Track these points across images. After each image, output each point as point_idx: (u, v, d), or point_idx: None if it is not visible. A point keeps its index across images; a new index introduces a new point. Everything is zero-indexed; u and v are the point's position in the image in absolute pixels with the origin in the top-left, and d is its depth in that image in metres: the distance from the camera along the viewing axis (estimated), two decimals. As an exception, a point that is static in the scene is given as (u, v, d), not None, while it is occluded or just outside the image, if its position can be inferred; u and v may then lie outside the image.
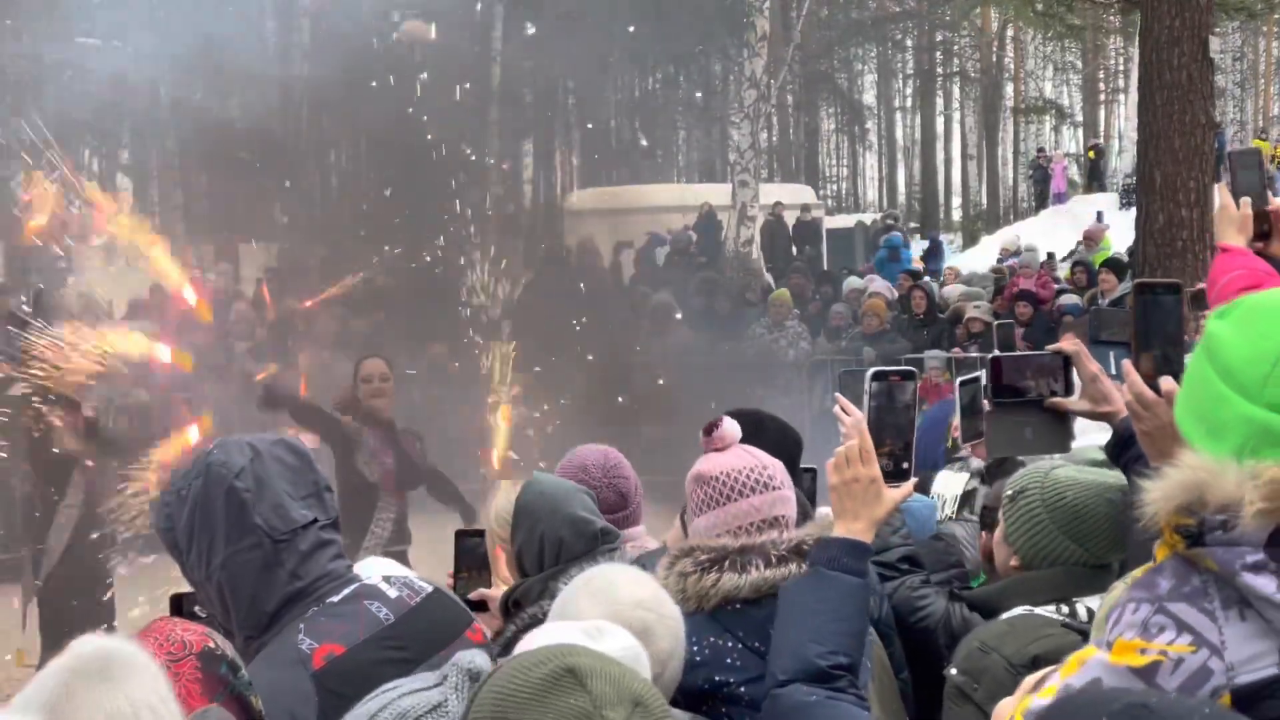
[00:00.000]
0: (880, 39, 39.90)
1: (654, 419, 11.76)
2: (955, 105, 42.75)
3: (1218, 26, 15.37)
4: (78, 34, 15.28)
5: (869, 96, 43.18)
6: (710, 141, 34.08)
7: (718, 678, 2.43)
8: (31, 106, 14.10)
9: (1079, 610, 2.69)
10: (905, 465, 2.50)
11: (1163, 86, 8.62)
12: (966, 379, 3.04)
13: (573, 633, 1.87)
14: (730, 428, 2.70)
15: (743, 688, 2.43)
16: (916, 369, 2.70)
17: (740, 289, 16.69)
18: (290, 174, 16.70)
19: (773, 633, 2.38)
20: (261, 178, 16.61)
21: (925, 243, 26.08)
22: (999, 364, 2.74)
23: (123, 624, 7.27)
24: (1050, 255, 17.97)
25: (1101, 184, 32.06)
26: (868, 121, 42.92)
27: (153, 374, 12.05)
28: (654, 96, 31.25)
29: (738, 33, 21.87)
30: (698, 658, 2.38)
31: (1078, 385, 2.69)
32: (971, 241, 32.33)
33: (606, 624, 1.94)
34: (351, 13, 15.36)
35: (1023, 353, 3.05)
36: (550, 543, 2.78)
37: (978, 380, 3.00)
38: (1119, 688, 1.62)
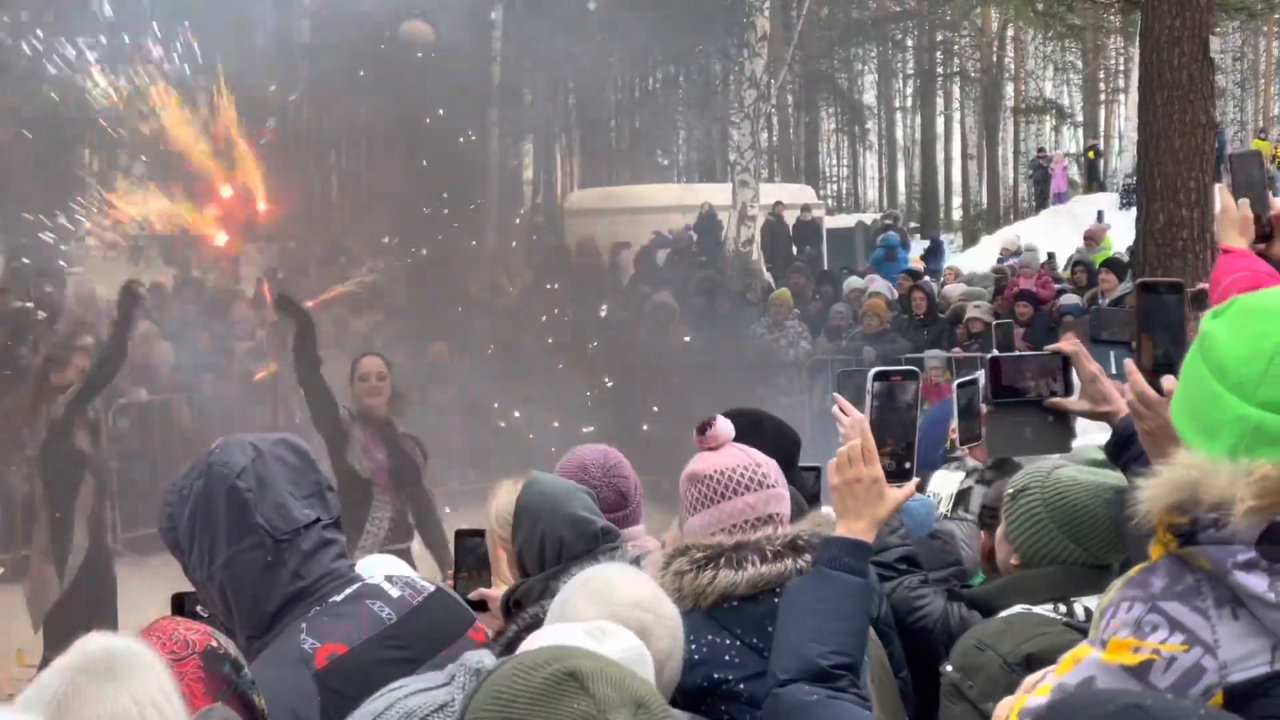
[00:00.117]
0: (880, 39, 39.89)
1: (654, 418, 11.76)
2: (955, 105, 42.74)
3: (1218, 26, 15.36)
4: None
5: (869, 96, 43.16)
6: (710, 141, 34.06)
7: (716, 675, 2.44)
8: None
9: (1076, 610, 2.69)
10: (907, 465, 2.50)
11: (1163, 86, 8.60)
12: (964, 381, 3.04)
13: (575, 634, 1.87)
14: (723, 427, 2.70)
15: (741, 685, 2.43)
16: (918, 369, 2.71)
17: (740, 289, 16.68)
18: (291, 173, 16.68)
19: (774, 632, 2.38)
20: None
21: (925, 243, 26.07)
22: (998, 364, 2.74)
23: (125, 624, 7.25)
24: (1050, 255, 17.96)
25: (1100, 184, 32.06)
26: (868, 121, 42.91)
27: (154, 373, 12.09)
28: (654, 96, 31.25)
29: (738, 33, 21.87)
30: (696, 656, 2.38)
31: (1077, 385, 2.69)
32: (971, 241, 32.32)
33: (609, 625, 1.94)
34: (352, 12, 15.35)
35: (1022, 353, 3.05)
36: (551, 542, 2.77)
37: (975, 383, 3.01)
38: (1114, 689, 1.62)
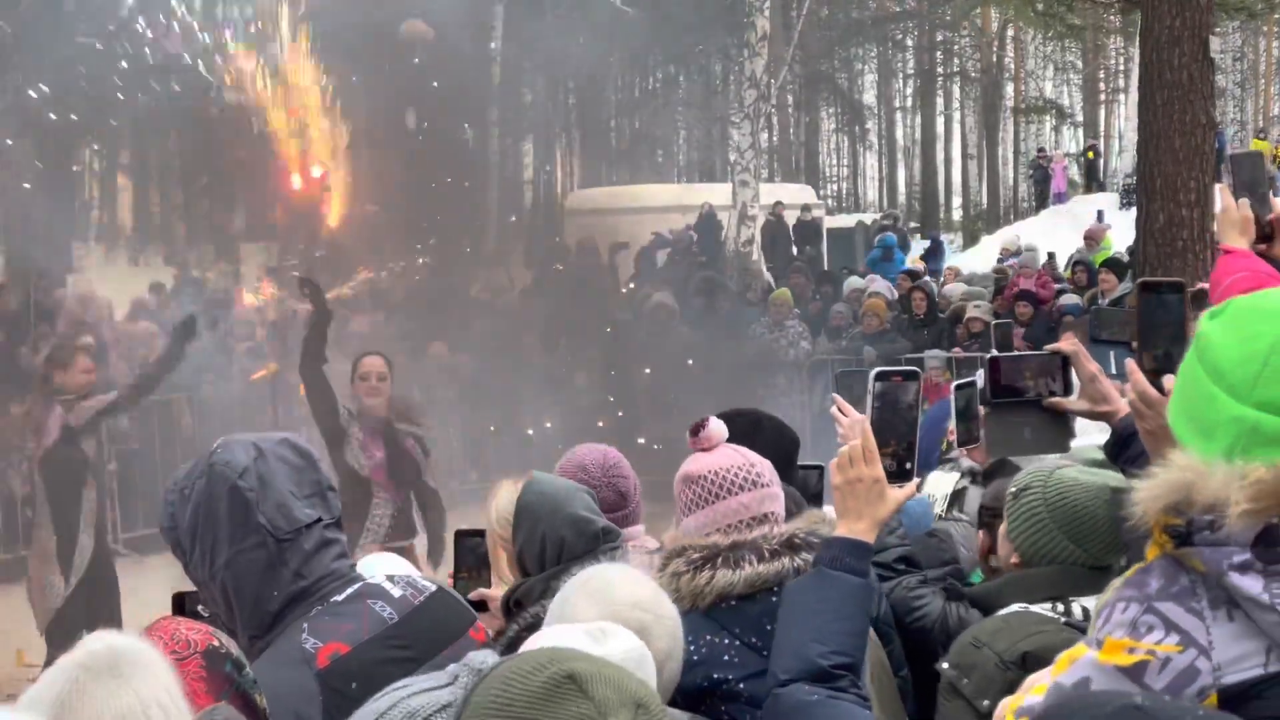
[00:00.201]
0: (880, 39, 39.86)
1: (653, 418, 11.75)
2: (955, 105, 42.70)
3: (1218, 26, 15.37)
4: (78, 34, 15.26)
5: (869, 96, 43.12)
6: (710, 141, 34.06)
7: (716, 675, 2.44)
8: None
9: (1074, 609, 2.69)
10: (908, 465, 2.50)
11: (1163, 86, 8.60)
12: (962, 383, 3.04)
13: (576, 635, 1.87)
14: (716, 427, 2.70)
15: (741, 684, 2.43)
16: (918, 369, 2.71)
17: (740, 289, 16.68)
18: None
19: (775, 631, 2.38)
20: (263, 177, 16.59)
21: (926, 243, 26.05)
22: (997, 364, 2.75)
23: (130, 625, 7.26)
24: (1050, 255, 17.96)
25: (1100, 184, 32.05)
26: (868, 121, 42.86)
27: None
28: (654, 96, 31.25)
29: (738, 33, 21.85)
30: (695, 656, 2.38)
31: (1077, 385, 2.69)
32: (972, 241, 32.29)
33: (610, 626, 1.93)
34: (352, 13, 15.34)
35: (1021, 353, 3.05)
36: (552, 542, 2.77)
37: (973, 384, 3.01)
38: (1112, 691, 1.62)
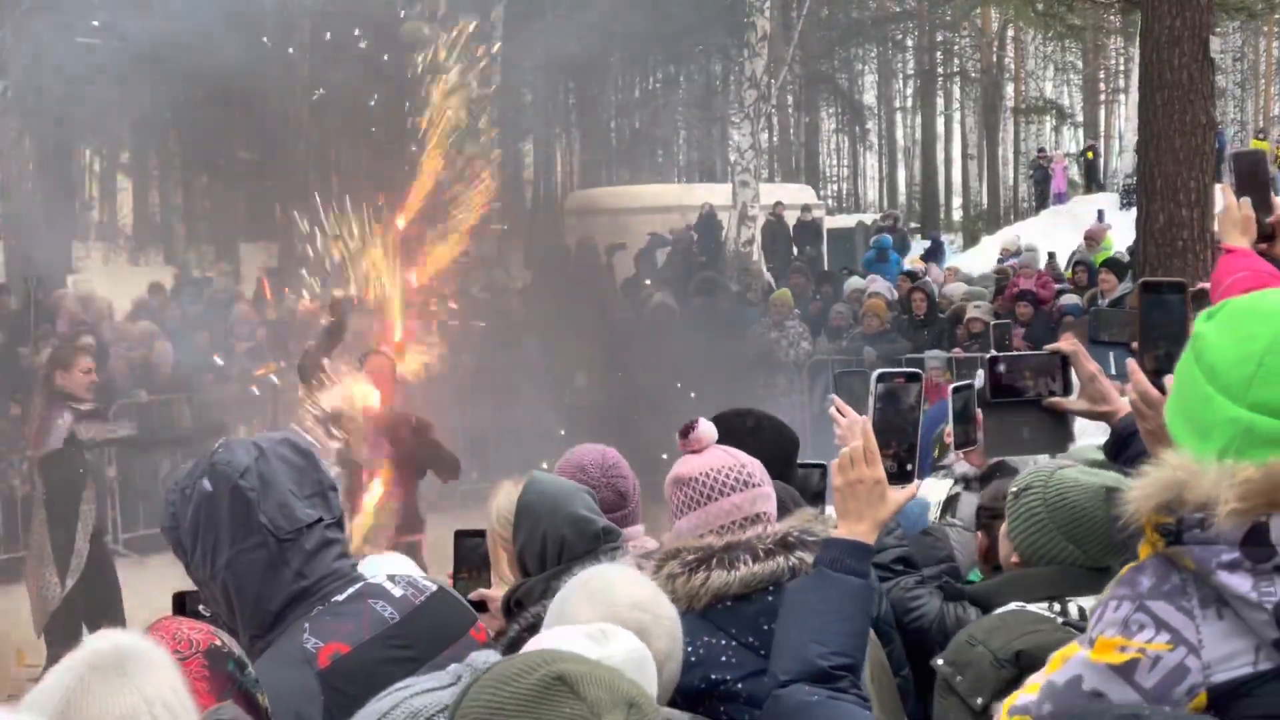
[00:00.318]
0: (880, 39, 39.86)
1: (653, 419, 11.74)
2: (955, 105, 42.70)
3: (1218, 26, 15.35)
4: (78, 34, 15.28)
5: (869, 97, 43.12)
6: (710, 141, 34.07)
7: (714, 676, 2.44)
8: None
9: (1070, 609, 2.70)
10: (909, 467, 2.50)
11: (1163, 86, 8.61)
12: (959, 385, 3.04)
13: (577, 637, 1.87)
14: (706, 429, 2.70)
15: (739, 684, 2.44)
16: (920, 370, 2.70)
17: (740, 289, 16.69)
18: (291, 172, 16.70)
19: (770, 630, 2.39)
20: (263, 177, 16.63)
21: (926, 243, 26.05)
22: (997, 364, 2.75)
23: (132, 625, 7.27)
24: (1051, 255, 17.96)
25: (1099, 185, 32.05)
26: (868, 122, 42.88)
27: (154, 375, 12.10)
28: (654, 96, 31.26)
29: (738, 33, 21.88)
30: (692, 658, 2.38)
31: (1076, 385, 2.70)
32: (972, 241, 32.28)
33: (611, 628, 1.94)
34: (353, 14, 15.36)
35: (1021, 352, 3.06)
36: (552, 542, 2.77)
37: (971, 387, 3.01)
38: (1118, 705, 1.64)
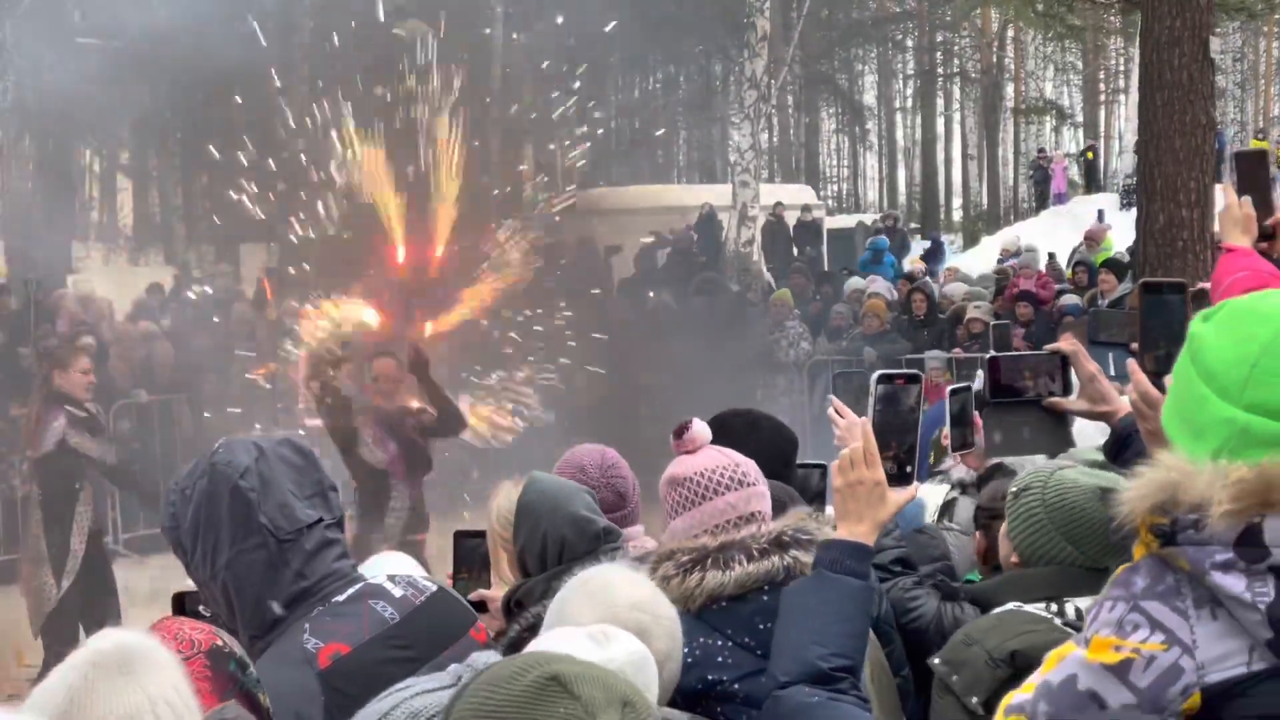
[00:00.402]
0: (880, 39, 39.86)
1: (653, 419, 11.75)
2: (955, 106, 42.72)
3: (1218, 27, 15.36)
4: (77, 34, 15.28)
5: (869, 97, 43.14)
6: (710, 142, 34.08)
7: (711, 677, 2.44)
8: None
9: (1068, 610, 2.70)
10: (909, 468, 2.49)
11: (1163, 87, 8.61)
12: (957, 387, 3.04)
13: (577, 639, 1.87)
14: (700, 429, 2.70)
15: (736, 685, 2.43)
16: (920, 371, 2.71)
17: (740, 289, 16.69)
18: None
19: (766, 629, 2.39)
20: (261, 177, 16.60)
21: (926, 243, 26.05)
22: (997, 364, 2.75)
23: (127, 625, 7.28)
24: (1051, 255, 17.97)
25: (1099, 185, 32.06)
26: (868, 122, 42.89)
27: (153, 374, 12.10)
28: (654, 96, 31.27)
29: (738, 33, 21.87)
30: (689, 659, 2.38)
31: (1076, 385, 2.70)
32: (972, 242, 32.28)
33: (611, 629, 1.93)
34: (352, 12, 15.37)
35: (1021, 352, 3.06)
36: (553, 542, 2.77)
37: (969, 389, 3.01)
38: (1125, 713, 1.64)
